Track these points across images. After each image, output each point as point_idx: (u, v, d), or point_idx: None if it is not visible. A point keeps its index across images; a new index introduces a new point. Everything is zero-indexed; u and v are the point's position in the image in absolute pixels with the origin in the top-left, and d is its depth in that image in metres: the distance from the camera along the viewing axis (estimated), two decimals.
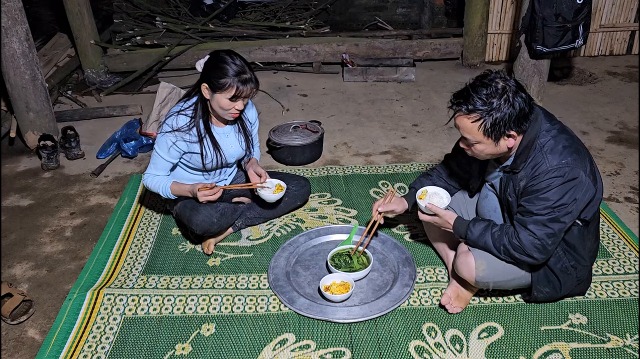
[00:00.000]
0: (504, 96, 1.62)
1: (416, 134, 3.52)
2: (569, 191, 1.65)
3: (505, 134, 1.66)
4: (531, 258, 1.73)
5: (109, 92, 4.31)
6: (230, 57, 2.07)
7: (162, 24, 5.02)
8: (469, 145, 1.74)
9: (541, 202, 1.67)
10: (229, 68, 2.04)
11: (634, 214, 2.59)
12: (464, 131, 1.70)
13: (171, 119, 2.18)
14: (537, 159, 1.69)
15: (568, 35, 3.40)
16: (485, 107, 1.62)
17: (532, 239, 1.70)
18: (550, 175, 1.65)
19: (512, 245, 1.74)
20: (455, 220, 1.88)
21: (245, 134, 2.36)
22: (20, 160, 3.30)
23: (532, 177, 1.69)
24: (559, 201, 1.65)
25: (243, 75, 2.05)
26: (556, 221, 1.68)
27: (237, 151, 2.35)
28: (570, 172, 1.64)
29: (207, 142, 2.22)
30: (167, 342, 1.89)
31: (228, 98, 2.07)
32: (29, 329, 1.99)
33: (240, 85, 2.04)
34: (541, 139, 1.70)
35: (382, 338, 1.89)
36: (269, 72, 4.76)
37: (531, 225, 1.70)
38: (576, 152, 1.68)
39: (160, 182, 2.23)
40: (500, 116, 1.62)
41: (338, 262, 2.16)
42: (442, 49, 4.83)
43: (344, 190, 2.83)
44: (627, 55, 4.99)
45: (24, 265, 2.34)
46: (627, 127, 3.53)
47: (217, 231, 2.28)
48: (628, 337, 1.86)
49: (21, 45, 3.07)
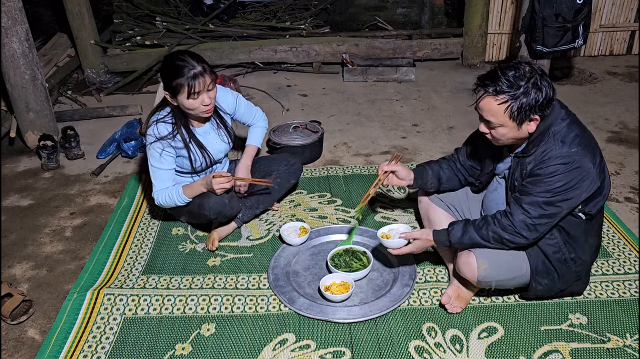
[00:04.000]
0: (532, 79, 1.63)
1: (416, 134, 3.52)
2: (573, 179, 1.66)
3: (529, 117, 1.67)
4: (521, 237, 1.74)
5: (109, 92, 4.31)
6: (176, 57, 2.06)
7: (162, 24, 5.02)
8: (491, 128, 1.74)
9: (543, 186, 1.69)
10: (177, 69, 2.02)
11: (634, 214, 2.59)
12: (488, 113, 1.70)
13: (151, 129, 2.16)
14: (548, 144, 1.70)
15: (568, 35, 3.40)
16: (512, 90, 1.63)
17: (525, 217, 1.71)
18: (557, 161, 1.66)
19: (502, 226, 1.75)
20: (433, 233, 1.89)
21: (225, 127, 2.35)
22: (20, 160, 3.30)
23: (540, 161, 1.70)
24: (560, 187, 1.67)
25: (192, 71, 2.02)
26: (552, 204, 1.69)
27: (222, 146, 2.35)
28: (577, 161, 1.65)
29: (193, 145, 2.23)
30: (167, 342, 1.89)
31: (186, 98, 2.05)
32: (29, 329, 1.99)
33: (191, 81, 2.02)
34: (555, 126, 1.71)
35: (382, 338, 1.89)
36: (269, 72, 4.76)
37: (526, 204, 1.71)
38: (586, 142, 1.70)
39: (172, 193, 2.18)
40: (527, 100, 1.63)
41: (338, 262, 2.16)
42: (442, 49, 4.83)
43: (344, 190, 2.83)
44: (627, 55, 4.99)
45: (24, 265, 2.34)
46: (627, 127, 3.53)
47: (229, 213, 2.28)
48: (628, 337, 1.86)
49: (21, 45, 3.07)
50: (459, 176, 2.14)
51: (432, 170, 2.15)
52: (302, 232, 2.37)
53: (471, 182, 2.15)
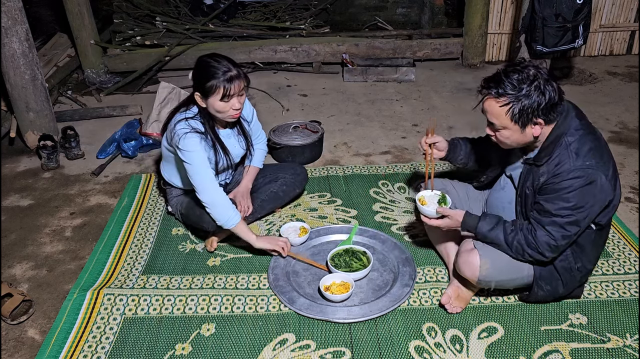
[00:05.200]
0: (535, 83, 1.62)
1: (416, 134, 3.52)
2: (589, 194, 1.65)
3: (533, 121, 1.66)
4: (542, 256, 1.75)
5: (109, 92, 4.31)
6: (212, 59, 2.07)
7: (162, 24, 5.02)
8: (495, 130, 1.74)
9: (560, 203, 1.67)
10: (213, 70, 2.03)
11: (634, 214, 2.59)
12: (491, 115, 1.71)
13: (183, 123, 2.14)
14: (562, 156, 1.69)
15: (568, 35, 3.40)
16: (514, 92, 1.62)
17: (549, 239, 1.71)
18: (572, 175, 1.65)
19: (527, 241, 1.74)
20: (465, 215, 1.86)
21: (244, 134, 2.37)
22: (20, 160, 3.30)
23: (553, 174, 1.69)
24: (578, 203, 1.65)
25: (228, 73, 2.03)
26: (575, 224, 1.68)
27: (240, 151, 2.38)
28: (592, 175, 1.64)
29: (218, 148, 2.24)
30: (167, 342, 1.89)
31: (219, 99, 2.06)
32: (29, 329, 1.99)
33: (227, 84, 2.03)
34: (569, 136, 1.69)
35: (382, 338, 1.89)
36: (269, 72, 4.76)
37: (549, 226, 1.70)
38: (600, 155, 1.68)
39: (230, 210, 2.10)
40: (529, 103, 1.63)
41: (338, 262, 2.16)
42: (442, 49, 4.83)
43: (344, 190, 2.83)
44: (627, 55, 4.99)
45: (24, 265, 2.34)
46: (627, 127, 3.53)
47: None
48: (628, 337, 1.86)
49: (21, 45, 3.07)
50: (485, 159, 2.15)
51: (465, 146, 2.17)
52: (302, 232, 2.37)
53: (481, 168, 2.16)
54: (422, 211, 1.93)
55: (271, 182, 2.54)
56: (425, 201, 1.97)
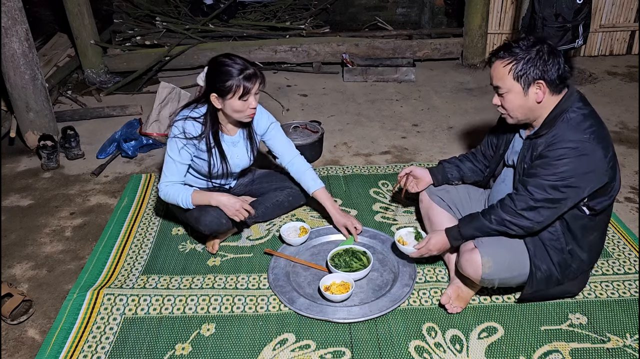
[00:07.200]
0: (538, 46, 1.72)
1: (416, 134, 3.52)
2: (580, 166, 1.68)
3: (535, 81, 1.72)
4: (522, 218, 1.76)
5: (109, 92, 4.31)
6: (228, 59, 2.07)
7: (162, 24, 5.02)
8: (500, 95, 1.80)
9: (550, 169, 1.71)
10: (230, 69, 2.04)
11: (634, 214, 2.59)
12: (496, 79, 1.79)
13: (180, 123, 2.16)
14: (560, 128, 1.73)
15: (568, 35, 3.40)
16: (518, 52, 1.73)
17: (528, 198, 1.74)
18: (566, 145, 1.68)
19: (504, 208, 1.78)
20: (446, 232, 1.95)
21: (252, 142, 2.35)
22: (20, 160, 3.30)
23: (549, 143, 1.73)
24: (567, 171, 1.68)
25: (246, 71, 2.05)
26: (557, 189, 1.70)
27: (243, 161, 2.35)
28: (587, 148, 1.67)
29: (215, 153, 2.23)
30: (167, 342, 1.89)
31: (238, 98, 2.06)
32: (29, 329, 1.99)
33: (246, 82, 2.04)
34: (571, 113, 1.74)
35: (382, 338, 1.89)
36: (269, 72, 4.76)
37: (531, 187, 1.74)
38: (601, 135, 1.72)
39: (180, 192, 2.16)
40: (530, 60, 1.71)
41: (338, 262, 2.16)
42: (442, 49, 4.83)
43: (344, 190, 2.83)
44: (627, 55, 4.99)
45: (24, 265, 2.34)
46: (627, 127, 3.53)
47: (225, 231, 2.28)
48: (628, 337, 1.86)
49: (21, 45, 3.07)
50: (480, 167, 2.20)
51: (450, 163, 2.25)
52: (302, 232, 2.37)
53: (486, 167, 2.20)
54: (406, 252, 2.10)
55: (277, 190, 2.52)
56: (405, 241, 2.17)
